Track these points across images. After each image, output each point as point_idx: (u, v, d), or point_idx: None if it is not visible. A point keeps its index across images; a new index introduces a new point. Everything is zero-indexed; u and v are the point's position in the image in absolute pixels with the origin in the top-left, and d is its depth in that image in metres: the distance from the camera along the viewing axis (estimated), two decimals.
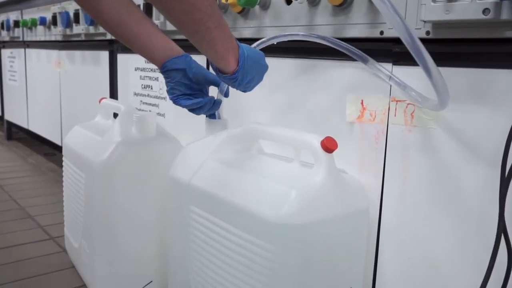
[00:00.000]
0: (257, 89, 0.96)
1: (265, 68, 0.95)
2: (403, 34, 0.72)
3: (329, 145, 0.82)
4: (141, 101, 1.61)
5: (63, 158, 1.38)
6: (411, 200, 0.87)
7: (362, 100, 0.93)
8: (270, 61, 0.97)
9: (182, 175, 1.00)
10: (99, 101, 1.38)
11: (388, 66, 0.88)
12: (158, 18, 1.43)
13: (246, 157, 0.98)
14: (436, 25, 0.79)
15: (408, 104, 0.85)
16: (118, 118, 1.20)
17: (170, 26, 1.38)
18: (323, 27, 0.98)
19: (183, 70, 0.93)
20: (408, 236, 0.88)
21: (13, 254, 1.49)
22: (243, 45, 0.90)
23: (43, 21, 2.27)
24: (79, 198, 1.26)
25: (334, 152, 0.82)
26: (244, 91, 0.95)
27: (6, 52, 3.02)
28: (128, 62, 1.69)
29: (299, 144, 0.88)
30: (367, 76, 0.91)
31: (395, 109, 0.87)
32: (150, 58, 0.96)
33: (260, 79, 0.95)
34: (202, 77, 0.96)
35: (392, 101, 0.87)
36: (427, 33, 0.80)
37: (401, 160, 0.87)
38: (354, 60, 0.93)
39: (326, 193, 0.82)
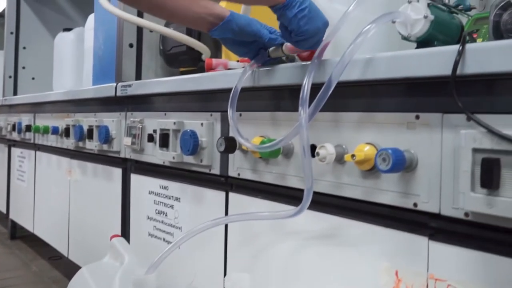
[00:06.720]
0: (271, 246, 0.90)
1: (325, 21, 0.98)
2: None
3: None
4: (155, 226, 1.56)
5: None
6: None
7: (396, 271, 0.88)
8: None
9: None
10: (110, 238, 1.34)
11: (423, 240, 0.83)
12: None
13: None
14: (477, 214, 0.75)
15: (448, 285, 0.80)
16: (117, 276, 1.15)
17: None
18: (351, 187, 0.95)
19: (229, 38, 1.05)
20: None
21: None
22: None
23: (55, 130, 2.25)
24: None
25: None
26: (302, 33, 0.95)
27: (16, 151, 3.00)
28: (141, 183, 1.66)
29: None
30: (403, 245, 0.87)
31: None
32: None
33: (322, 29, 0.97)
34: (248, 32, 1.04)
35: (430, 278, 0.82)
36: (466, 214, 0.77)
37: None
38: (386, 226, 0.90)
39: None
